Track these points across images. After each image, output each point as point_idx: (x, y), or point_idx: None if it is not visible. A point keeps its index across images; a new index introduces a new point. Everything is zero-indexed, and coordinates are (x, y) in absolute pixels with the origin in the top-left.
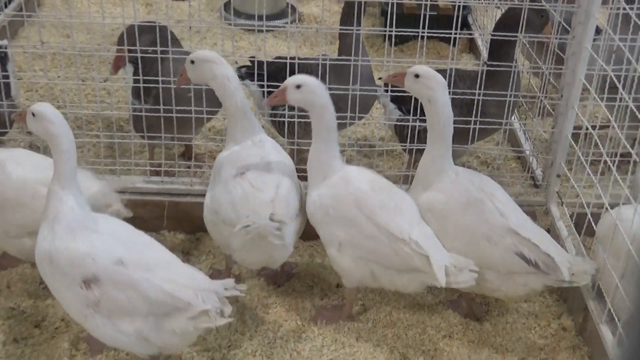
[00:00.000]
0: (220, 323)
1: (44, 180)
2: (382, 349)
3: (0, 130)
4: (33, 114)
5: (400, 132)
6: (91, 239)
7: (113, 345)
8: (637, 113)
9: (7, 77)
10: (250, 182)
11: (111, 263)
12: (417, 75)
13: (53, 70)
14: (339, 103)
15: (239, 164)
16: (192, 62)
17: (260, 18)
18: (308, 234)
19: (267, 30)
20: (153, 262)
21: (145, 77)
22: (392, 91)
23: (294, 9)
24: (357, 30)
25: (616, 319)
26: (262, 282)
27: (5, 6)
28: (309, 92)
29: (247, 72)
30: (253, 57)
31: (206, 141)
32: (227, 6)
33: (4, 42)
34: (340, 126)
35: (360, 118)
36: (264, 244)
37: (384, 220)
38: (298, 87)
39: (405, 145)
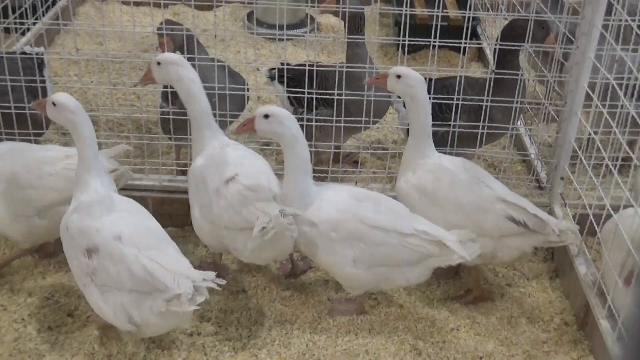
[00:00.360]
0: (188, 309)
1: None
2: (393, 340)
3: (37, 131)
4: (54, 104)
5: None
6: (101, 216)
7: (99, 314)
8: (637, 119)
9: (43, 81)
10: (243, 184)
11: (111, 237)
12: (398, 76)
13: (87, 75)
14: (351, 108)
15: (222, 170)
16: (159, 63)
17: (280, 27)
18: None
19: (287, 39)
20: (147, 244)
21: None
22: None
23: (312, 19)
24: (365, 39)
25: (616, 315)
26: (280, 277)
27: (43, 15)
28: (276, 122)
29: (277, 75)
30: (284, 62)
31: None
32: (249, 16)
33: (41, 49)
34: (355, 130)
35: (374, 122)
36: (277, 240)
37: (386, 223)
38: (266, 117)
39: None
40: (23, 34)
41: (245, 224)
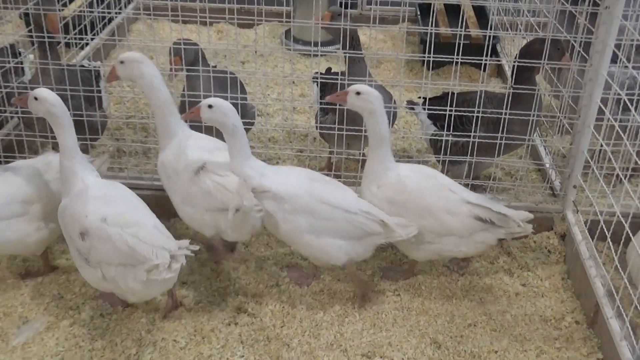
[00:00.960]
0: (166, 276)
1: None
2: (415, 333)
3: (93, 136)
4: (35, 98)
5: (435, 145)
6: (88, 201)
7: (96, 287)
8: None
9: (99, 91)
10: (215, 172)
11: (98, 220)
12: (358, 93)
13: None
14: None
15: (192, 160)
16: (122, 62)
17: (315, 44)
18: None
19: (320, 55)
20: (129, 222)
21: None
22: (428, 109)
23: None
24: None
25: (624, 315)
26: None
27: (100, 31)
28: (219, 112)
29: (316, 79)
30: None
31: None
32: (287, 34)
33: (98, 63)
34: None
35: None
36: (250, 219)
37: (334, 200)
38: (210, 107)
39: (439, 157)
40: (82, 48)
41: (222, 206)
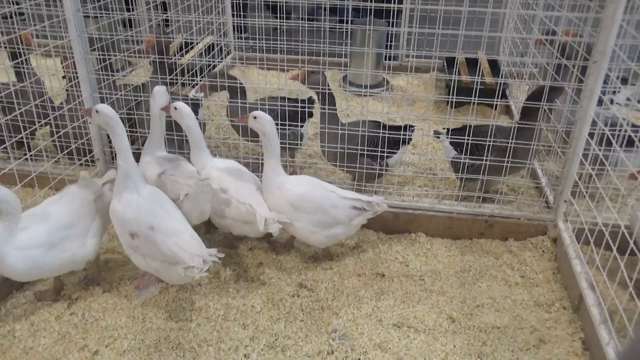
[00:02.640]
0: (199, 276)
1: None
2: (435, 310)
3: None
4: (97, 111)
5: (455, 166)
6: (138, 208)
7: (144, 270)
8: (626, 162)
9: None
10: (169, 173)
11: (146, 227)
12: (255, 117)
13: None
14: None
15: (156, 168)
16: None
17: (365, 87)
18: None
19: (369, 95)
20: (171, 230)
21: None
22: (451, 138)
23: (387, 81)
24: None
25: (602, 304)
26: (357, 260)
27: (205, 74)
28: (179, 114)
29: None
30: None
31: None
32: (344, 78)
33: (201, 94)
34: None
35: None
36: (199, 202)
37: (234, 192)
38: (175, 108)
39: (458, 175)
40: (193, 87)
41: (176, 196)
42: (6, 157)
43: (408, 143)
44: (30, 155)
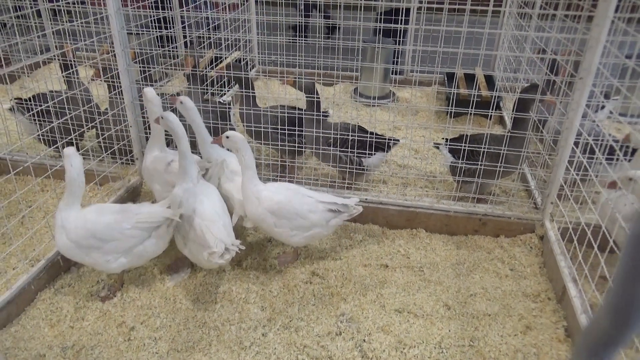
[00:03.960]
0: (220, 261)
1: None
2: (432, 298)
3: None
4: (162, 117)
5: (453, 170)
6: (189, 194)
7: (181, 250)
8: (607, 168)
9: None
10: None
11: (190, 210)
12: (227, 137)
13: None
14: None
15: (164, 161)
16: (162, 117)
17: (374, 98)
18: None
19: (377, 105)
20: (208, 216)
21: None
22: (450, 146)
23: (394, 93)
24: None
25: (583, 295)
26: (363, 251)
27: (233, 85)
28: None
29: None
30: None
31: None
32: (355, 90)
33: (229, 99)
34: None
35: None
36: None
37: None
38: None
39: (455, 178)
40: (221, 96)
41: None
42: (58, 155)
43: (387, 151)
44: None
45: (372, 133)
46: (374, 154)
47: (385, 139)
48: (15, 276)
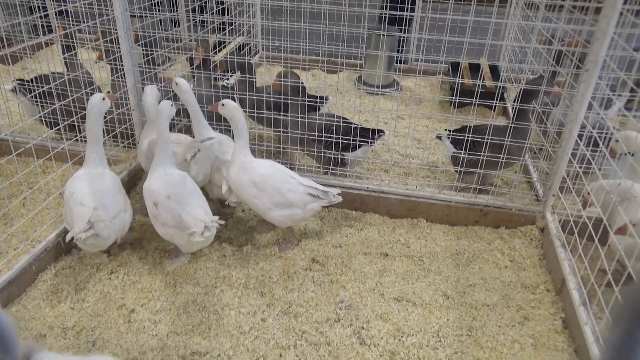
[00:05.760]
0: (200, 239)
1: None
2: (431, 287)
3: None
4: (222, 104)
5: (454, 160)
6: (160, 182)
7: (163, 237)
8: (611, 162)
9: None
10: (174, 142)
11: (164, 197)
12: (222, 104)
13: None
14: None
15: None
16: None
17: (377, 87)
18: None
19: (381, 94)
20: (184, 200)
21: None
22: (452, 136)
23: (397, 82)
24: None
25: (582, 288)
26: (364, 240)
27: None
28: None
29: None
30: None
31: None
32: (359, 78)
33: (232, 80)
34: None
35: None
36: (201, 164)
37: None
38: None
39: (457, 168)
40: (225, 80)
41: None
42: (59, 137)
43: (371, 145)
44: (81, 137)
45: (356, 126)
46: (358, 147)
47: (369, 130)
48: (16, 257)
